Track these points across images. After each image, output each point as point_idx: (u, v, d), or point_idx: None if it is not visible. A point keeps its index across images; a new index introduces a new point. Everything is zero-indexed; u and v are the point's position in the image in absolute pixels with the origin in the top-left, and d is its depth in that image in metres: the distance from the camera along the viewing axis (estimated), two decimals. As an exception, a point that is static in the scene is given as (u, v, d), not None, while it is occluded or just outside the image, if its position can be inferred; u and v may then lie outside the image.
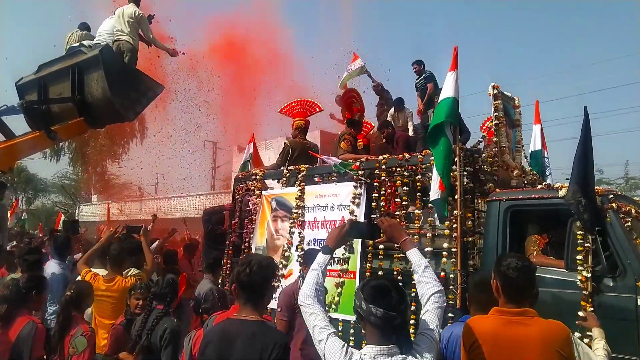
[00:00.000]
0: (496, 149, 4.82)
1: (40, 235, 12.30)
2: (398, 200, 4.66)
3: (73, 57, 7.60)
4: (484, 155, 4.67)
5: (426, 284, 2.28)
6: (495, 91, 4.92)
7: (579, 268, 3.59)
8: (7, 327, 3.38)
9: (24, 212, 17.18)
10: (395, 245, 2.71)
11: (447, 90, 4.42)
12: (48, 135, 7.53)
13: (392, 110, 8.91)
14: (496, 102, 4.90)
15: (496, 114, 4.87)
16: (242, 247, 6.07)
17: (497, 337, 2.39)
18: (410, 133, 8.24)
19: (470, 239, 4.25)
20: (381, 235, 2.66)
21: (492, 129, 4.93)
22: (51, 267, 5.30)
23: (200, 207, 28.26)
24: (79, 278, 4.45)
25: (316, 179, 5.50)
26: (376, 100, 9.62)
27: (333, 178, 5.27)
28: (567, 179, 4.29)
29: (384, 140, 6.86)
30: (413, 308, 3.87)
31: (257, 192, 6.06)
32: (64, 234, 7.15)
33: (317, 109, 6.38)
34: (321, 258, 2.40)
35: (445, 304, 2.26)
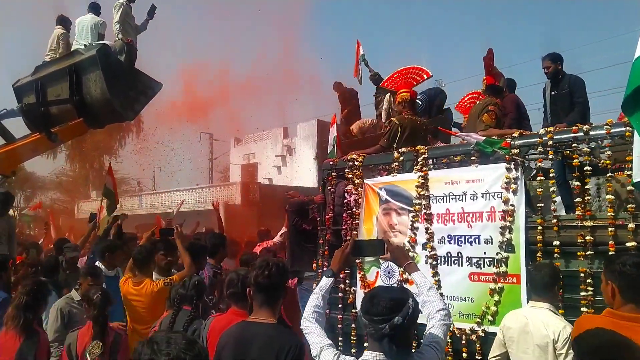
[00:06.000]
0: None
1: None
2: (578, 184, 3.74)
3: (70, 58, 7.45)
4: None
5: (432, 303, 2.24)
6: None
7: None
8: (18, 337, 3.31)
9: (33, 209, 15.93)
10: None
11: None
12: (49, 137, 7.44)
13: (387, 95, 7.62)
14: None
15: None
16: (342, 246, 5.09)
17: None
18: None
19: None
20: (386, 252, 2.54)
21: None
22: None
23: (200, 200, 27.18)
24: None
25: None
26: (374, 89, 8.69)
27: (472, 159, 4.31)
28: None
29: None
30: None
31: (357, 181, 5.08)
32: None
33: (425, 76, 5.32)
34: (324, 282, 2.41)
35: (450, 323, 2.20)
